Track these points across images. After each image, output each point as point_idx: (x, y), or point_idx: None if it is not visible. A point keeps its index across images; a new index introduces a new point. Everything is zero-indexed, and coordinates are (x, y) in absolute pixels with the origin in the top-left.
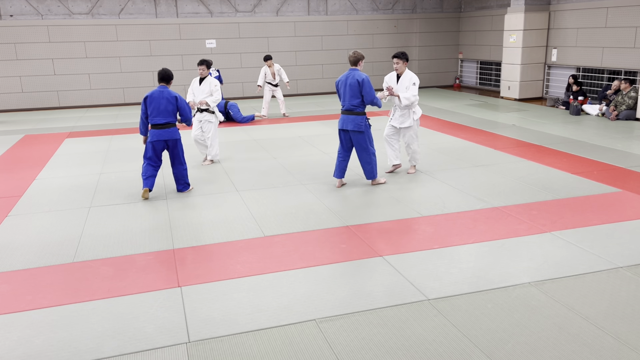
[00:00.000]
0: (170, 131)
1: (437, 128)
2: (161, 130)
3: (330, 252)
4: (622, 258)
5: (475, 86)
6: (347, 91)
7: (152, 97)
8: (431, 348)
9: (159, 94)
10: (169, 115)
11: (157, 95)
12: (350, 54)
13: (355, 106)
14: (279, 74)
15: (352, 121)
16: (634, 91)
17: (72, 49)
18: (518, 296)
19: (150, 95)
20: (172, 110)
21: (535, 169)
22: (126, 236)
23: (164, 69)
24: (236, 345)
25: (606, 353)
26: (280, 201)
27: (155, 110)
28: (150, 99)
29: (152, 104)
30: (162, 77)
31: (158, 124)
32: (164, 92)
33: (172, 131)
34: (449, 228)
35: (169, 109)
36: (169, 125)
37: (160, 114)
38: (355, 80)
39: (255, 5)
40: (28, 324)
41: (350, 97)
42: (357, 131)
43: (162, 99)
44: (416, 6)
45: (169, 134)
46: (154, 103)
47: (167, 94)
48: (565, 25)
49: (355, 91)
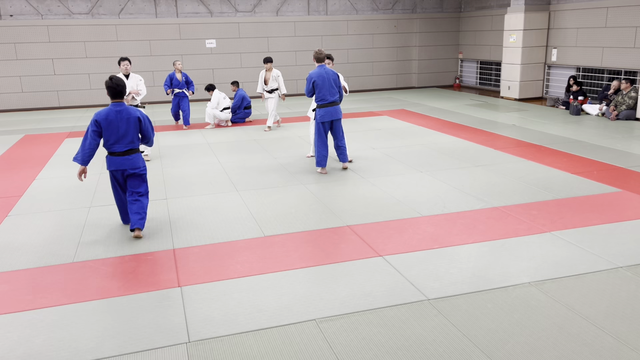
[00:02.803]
0: (132, 159)
1: (437, 128)
2: (122, 159)
3: (331, 252)
4: (622, 258)
5: (475, 86)
6: (332, 85)
7: (107, 121)
8: (431, 348)
9: (117, 115)
10: (131, 140)
11: (114, 117)
12: (317, 50)
13: (338, 98)
14: (276, 81)
15: (339, 111)
16: (634, 91)
17: (72, 49)
18: (518, 296)
19: (105, 119)
20: (133, 134)
21: (535, 169)
22: (126, 236)
23: (114, 80)
24: (236, 345)
25: (606, 353)
26: (280, 201)
27: (114, 136)
28: (106, 122)
29: (110, 129)
30: (116, 92)
31: (117, 152)
32: (122, 112)
33: (135, 159)
34: (449, 228)
35: (130, 134)
36: (131, 152)
37: (119, 140)
38: (336, 75)
39: (255, 5)
40: (28, 324)
41: (334, 90)
42: (340, 119)
43: (121, 122)
44: (416, 6)
45: (131, 162)
46: (112, 127)
47: (127, 115)
48: (565, 25)
49: (337, 84)
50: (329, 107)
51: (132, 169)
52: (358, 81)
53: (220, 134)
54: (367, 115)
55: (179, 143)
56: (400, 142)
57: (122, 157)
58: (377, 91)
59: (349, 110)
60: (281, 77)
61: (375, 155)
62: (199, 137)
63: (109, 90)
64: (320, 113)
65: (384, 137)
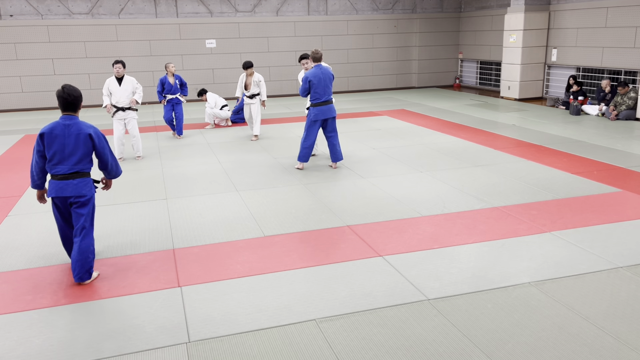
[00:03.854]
0: (76, 185)
1: (437, 128)
2: (64, 183)
3: (330, 252)
4: (622, 258)
5: (475, 86)
6: (327, 84)
7: (52, 135)
8: (431, 348)
9: (64, 130)
10: (78, 161)
11: (60, 132)
12: (315, 50)
13: (331, 96)
14: (258, 86)
15: (334, 109)
16: (633, 91)
17: (72, 49)
18: (518, 296)
19: (49, 132)
20: (82, 154)
21: (535, 169)
22: (126, 236)
23: (66, 89)
24: (236, 345)
25: (606, 353)
26: (280, 201)
27: (58, 155)
28: (50, 137)
29: (54, 145)
30: (67, 103)
31: (59, 175)
32: (72, 126)
33: (81, 184)
34: (449, 228)
35: (78, 153)
36: (77, 175)
37: (65, 160)
38: (331, 75)
39: (255, 5)
40: (28, 324)
41: (328, 89)
42: (335, 117)
43: (68, 138)
44: (416, 6)
45: (74, 188)
46: (56, 144)
47: (77, 130)
48: (565, 25)
49: (330, 83)
50: (323, 105)
51: (75, 197)
52: (358, 81)
53: (220, 134)
54: (367, 115)
55: (179, 143)
56: (400, 142)
57: (64, 182)
58: (377, 91)
59: (349, 110)
60: (263, 82)
61: (375, 155)
62: (199, 137)
63: (59, 100)
64: (315, 112)
65: (384, 137)
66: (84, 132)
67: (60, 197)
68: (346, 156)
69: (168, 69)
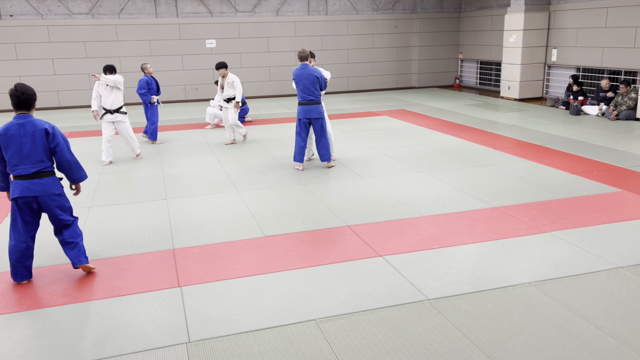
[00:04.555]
0: (44, 183)
1: (437, 128)
2: (30, 182)
3: (330, 252)
4: (622, 258)
5: (475, 86)
6: (307, 85)
7: (7, 136)
8: (431, 348)
9: (18, 129)
10: (40, 159)
11: (15, 131)
12: (301, 50)
13: (315, 97)
14: (233, 87)
15: (315, 110)
16: (634, 92)
17: (72, 49)
18: (518, 296)
19: (4, 133)
20: (42, 151)
21: (535, 169)
22: (126, 236)
23: (19, 87)
24: (236, 345)
25: (606, 353)
26: (280, 201)
27: (17, 156)
28: (5, 138)
29: (10, 146)
30: (20, 102)
31: (23, 175)
32: (27, 124)
33: (48, 183)
34: (449, 228)
35: (38, 150)
36: (42, 174)
37: (24, 160)
38: (314, 76)
39: (255, 5)
40: (28, 324)
41: (310, 90)
42: (320, 118)
43: (24, 137)
44: (416, 6)
45: (43, 187)
46: (13, 145)
47: (32, 128)
48: (565, 25)
49: (315, 84)
50: (304, 105)
51: (45, 195)
52: (358, 81)
53: (220, 134)
54: (367, 115)
55: (179, 143)
56: (400, 142)
57: (29, 182)
58: (377, 91)
59: (349, 110)
60: (238, 82)
61: (375, 155)
62: (199, 137)
63: (12, 99)
64: (298, 110)
65: (384, 137)
66: (39, 128)
67: (26, 197)
68: (346, 156)
69: (147, 69)
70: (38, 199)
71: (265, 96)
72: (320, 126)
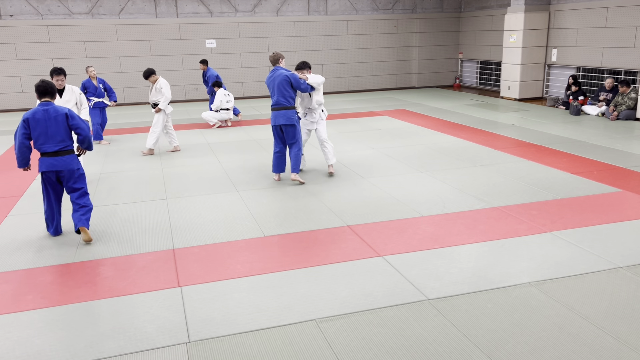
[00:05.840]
0: (65, 160)
1: (437, 128)
2: (53, 159)
3: (330, 252)
4: (622, 258)
5: (475, 86)
6: (276, 88)
7: (35, 120)
8: (431, 348)
9: (44, 114)
10: (62, 139)
11: (41, 116)
12: (271, 54)
13: (285, 101)
14: (160, 93)
15: (283, 116)
16: (634, 92)
17: (72, 49)
18: (518, 296)
19: (32, 117)
20: (64, 132)
21: (535, 169)
22: (126, 236)
23: (44, 81)
24: (236, 345)
25: (606, 353)
26: (280, 201)
27: (43, 136)
28: (34, 121)
29: (38, 128)
30: (45, 91)
31: (48, 152)
32: (50, 110)
33: (68, 160)
34: (449, 228)
35: (60, 132)
36: (64, 152)
37: (49, 139)
38: (283, 77)
39: (255, 5)
40: (28, 324)
41: (280, 93)
42: (289, 125)
43: (49, 120)
44: (416, 6)
45: (64, 163)
46: (40, 126)
47: (54, 113)
48: (565, 25)
49: (286, 87)
50: (274, 111)
51: (67, 170)
52: (358, 81)
53: (220, 134)
54: (367, 115)
55: (179, 143)
56: (400, 142)
57: (53, 158)
58: (377, 91)
59: (349, 110)
60: (166, 88)
61: (375, 155)
62: (199, 137)
63: (39, 89)
64: (271, 115)
65: (384, 137)
66: (60, 112)
67: (51, 172)
68: (346, 156)
69: (88, 72)
70: (59, 173)
71: (265, 96)
72: (292, 134)
